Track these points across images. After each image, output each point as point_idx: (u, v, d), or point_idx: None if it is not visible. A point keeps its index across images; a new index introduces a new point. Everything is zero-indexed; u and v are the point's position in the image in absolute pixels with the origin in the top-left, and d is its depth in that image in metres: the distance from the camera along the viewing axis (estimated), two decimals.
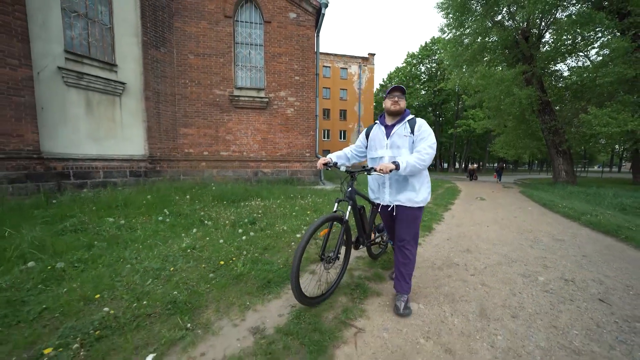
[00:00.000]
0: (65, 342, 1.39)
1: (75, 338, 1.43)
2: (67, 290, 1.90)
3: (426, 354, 1.47)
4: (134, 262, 2.40)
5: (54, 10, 6.00)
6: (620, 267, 2.79)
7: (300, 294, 1.69)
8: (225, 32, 8.33)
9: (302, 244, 1.66)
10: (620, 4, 9.72)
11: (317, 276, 2.24)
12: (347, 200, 2.01)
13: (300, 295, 1.70)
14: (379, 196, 2.08)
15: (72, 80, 6.23)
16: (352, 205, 2.03)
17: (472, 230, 4.31)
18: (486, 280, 2.43)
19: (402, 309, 1.86)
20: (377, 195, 2.09)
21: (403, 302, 1.90)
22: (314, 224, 1.75)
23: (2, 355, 1.33)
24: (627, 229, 4.03)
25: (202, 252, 2.67)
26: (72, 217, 3.75)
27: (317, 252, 2.12)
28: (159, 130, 7.86)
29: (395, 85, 1.94)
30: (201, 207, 4.68)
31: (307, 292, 1.82)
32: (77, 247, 2.77)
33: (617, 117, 9.37)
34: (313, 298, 1.83)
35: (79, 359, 1.31)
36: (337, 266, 2.17)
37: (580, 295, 2.16)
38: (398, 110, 1.91)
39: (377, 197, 2.11)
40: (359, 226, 2.21)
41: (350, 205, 2.02)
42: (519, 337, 1.62)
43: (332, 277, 2.17)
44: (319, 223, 1.77)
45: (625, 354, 1.48)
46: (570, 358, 1.44)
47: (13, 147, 5.27)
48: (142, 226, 3.49)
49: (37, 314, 1.65)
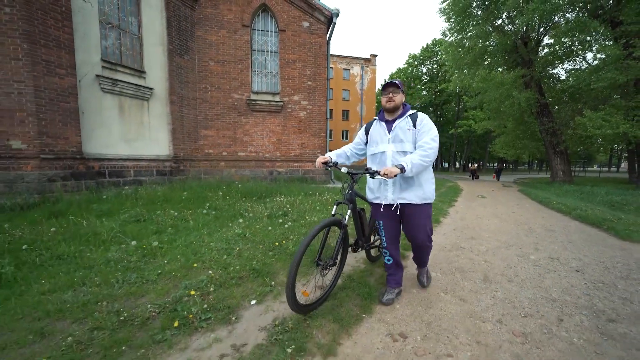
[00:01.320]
0: (189, 292, 1.97)
1: (197, 289, 2.01)
2: (168, 261, 2.49)
3: (446, 302, 2.05)
4: (203, 244, 2.98)
5: (93, 22, 6.56)
6: (598, 250, 3.37)
7: (295, 304, 1.62)
8: (243, 40, 8.89)
9: (297, 255, 1.59)
10: (614, 13, 10.29)
11: (312, 282, 2.14)
12: (346, 203, 1.95)
13: (296, 305, 1.64)
14: (379, 195, 1.97)
15: (107, 87, 6.79)
16: (352, 208, 1.97)
17: (474, 222, 4.90)
18: (488, 258, 3.01)
19: (426, 281, 2.23)
20: (377, 194, 1.98)
21: (424, 274, 2.27)
22: (311, 232, 1.66)
23: (153, 299, 1.90)
24: (610, 221, 4.61)
25: (254, 237, 3.25)
26: (126, 210, 4.33)
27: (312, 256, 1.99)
28: (182, 132, 8.43)
29: (389, 81, 1.84)
30: (234, 202, 5.26)
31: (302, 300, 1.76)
32: (148, 233, 3.34)
33: (610, 120, 9.95)
34: (308, 305, 1.76)
35: (208, 300, 1.89)
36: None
37: (561, 267, 2.75)
38: (394, 106, 1.86)
39: (377, 196, 1.99)
40: (358, 229, 2.16)
41: (350, 208, 1.95)
42: (513, 293, 2.21)
43: (326, 282, 2.07)
44: (316, 231, 1.68)
45: (587, 301, 2.07)
46: (548, 303, 2.03)
47: (60, 149, 5.84)
48: (192, 218, 4.07)
49: (157, 276, 2.23)
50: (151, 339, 1.49)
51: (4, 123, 5.39)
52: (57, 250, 2.63)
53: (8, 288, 1.99)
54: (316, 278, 2.12)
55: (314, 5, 9.21)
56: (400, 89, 1.86)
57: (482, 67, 15.59)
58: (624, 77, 9.28)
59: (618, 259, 3.04)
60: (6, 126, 5.40)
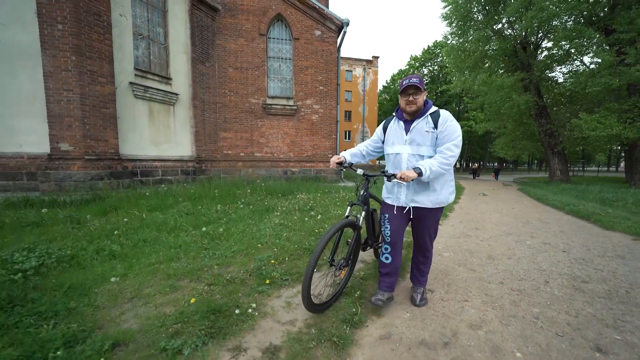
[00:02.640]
0: (268, 261, 2.57)
1: (269, 261, 2.61)
2: (234, 243, 3.08)
3: (460, 272, 2.65)
4: (255, 231, 3.58)
5: (127, 34, 7.15)
6: (584, 237, 3.98)
7: (310, 304, 1.66)
8: (259, 48, 9.49)
9: (314, 258, 1.60)
10: (607, 22, 10.89)
11: (323, 282, 2.08)
12: (361, 205, 1.97)
13: (311, 305, 1.67)
14: (392, 196, 1.92)
15: (139, 93, 7.39)
16: (366, 210, 1.99)
17: (478, 216, 5.50)
18: (491, 243, 3.62)
19: (419, 300, 1.99)
20: (391, 194, 1.93)
21: (420, 294, 2.03)
22: (327, 233, 1.69)
23: (239, 268, 2.50)
24: (598, 214, 5.22)
25: (294, 226, 3.85)
26: (171, 205, 4.92)
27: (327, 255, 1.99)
28: (204, 135, 9.03)
29: (409, 82, 1.69)
30: (261, 198, 5.86)
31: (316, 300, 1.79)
32: (201, 224, 3.93)
33: (604, 122, 10.56)
34: (321, 305, 1.79)
35: (282, 268, 2.49)
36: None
37: (552, 249, 3.35)
38: (415, 110, 1.75)
39: (389, 196, 1.94)
40: (369, 229, 2.17)
41: (364, 210, 1.97)
42: (511, 266, 2.81)
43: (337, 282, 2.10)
44: (333, 231, 1.71)
45: (568, 271, 2.67)
46: (539, 272, 2.63)
47: (101, 151, 6.45)
48: (233, 211, 4.66)
49: (232, 254, 2.83)
50: (254, 290, 2.09)
51: (55, 127, 6.00)
52: (140, 235, 3.23)
53: (124, 260, 2.59)
54: (327, 278, 2.06)
55: (325, 15, 9.80)
56: (421, 89, 1.72)
57: (482, 71, 16.19)
58: (617, 81, 9.88)
59: (599, 243, 3.65)
60: (56, 130, 6.01)
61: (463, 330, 1.71)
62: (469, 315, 1.88)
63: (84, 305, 1.78)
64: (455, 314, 1.90)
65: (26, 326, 1.52)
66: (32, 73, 5.99)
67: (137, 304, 1.88)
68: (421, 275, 2.06)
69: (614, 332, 1.70)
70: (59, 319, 1.60)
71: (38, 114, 6.09)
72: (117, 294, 1.98)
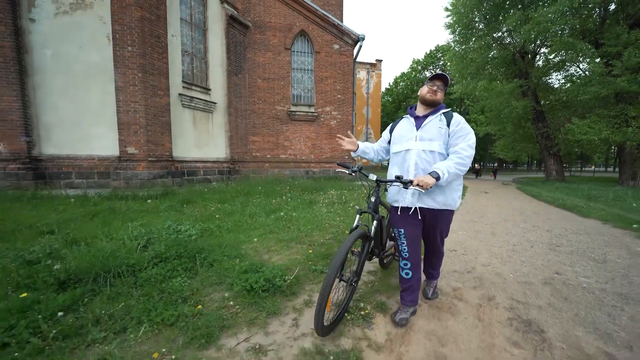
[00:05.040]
0: (337, 234, 3.66)
1: (339, 232, 3.70)
2: (305, 223, 4.19)
3: (470, 242, 3.77)
4: (313, 216, 4.67)
5: (177, 52, 8.26)
6: (565, 222, 5.11)
7: (322, 327, 1.53)
8: (285, 60, 10.59)
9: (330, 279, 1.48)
10: (597, 35, 12.01)
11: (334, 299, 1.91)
12: (372, 213, 1.89)
13: (322, 329, 1.54)
14: (397, 198, 1.86)
15: (186, 103, 8.49)
16: (378, 218, 1.91)
17: (482, 208, 6.62)
18: (493, 226, 4.74)
19: (431, 293, 2.12)
20: (397, 197, 1.86)
21: (432, 287, 2.15)
22: (342, 249, 1.57)
23: (324, 236, 3.60)
24: (581, 207, 6.35)
25: (340, 213, 4.95)
26: (232, 198, 6.02)
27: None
28: (236, 138, 10.14)
29: (439, 72, 1.75)
30: (299, 194, 6.97)
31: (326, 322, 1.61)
32: (267, 211, 5.02)
33: (594, 127, 11.67)
34: (329, 326, 1.63)
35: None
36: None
37: (539, 230, 4.48)
38: (434, 100, 1.75)
39: (396, 199, 1.87)
40: (376, 238, 2.06)
41: (375, 218, 1.89)
42: (508, 239, 3.93)
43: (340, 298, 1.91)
44: (348, 246, 1.59)
45: (548, 241, 3.79)
46: (528, 242, 3.75)
47: (159, 153, 7.55)
48: (285, 203, 5.76)
49: (309, 229, 3.92)
50: None
51: (123, 133, 7.10)
52: (233, 218, 4.33)
53: (240, 233, 3.67)
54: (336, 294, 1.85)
55: (343, 31, 10.92)
56: (446, 86, 1.75)
57: (483, 77, 17.31)
58: (605, 91, 10.99)
59: (575, 226, 4.78)
60: (124, 136, 7.11)
61: (478, 267, 2.83)
62: (480, 261, 3.00)
63: (244, 254, 2.88)
64: (472, 260, 3.03)
65: (225, 265, 2.58)
66: (103, 87, 7.10)
67: (273, 255, 2.98)
68: (434, 270, 2.12)
69: (569, 267, 2.82)
70: (239, 260, 2.70)
71: (107, 122, 7.19)
72: (256, 250, 3.08)
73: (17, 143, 6.68)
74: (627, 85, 10.35)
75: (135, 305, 1.76)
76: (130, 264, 2.19)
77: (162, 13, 7.47)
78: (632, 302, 2.08)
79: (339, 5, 13.42)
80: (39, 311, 1.59)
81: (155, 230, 3.11)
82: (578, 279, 2.53)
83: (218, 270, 2.39)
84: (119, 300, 1.81)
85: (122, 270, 2.10)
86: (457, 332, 1.71)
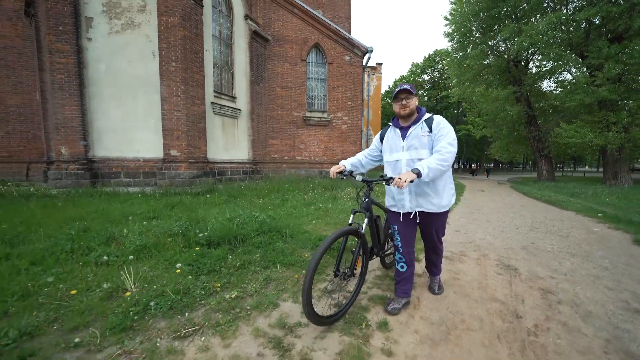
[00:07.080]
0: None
1: None
2: (338, 212, 5.25)
3: (470, 226, 4.87)
4: (341, 208, 5.73)
5: (209, 64, 9.28)
6: (547, 213, 6.25)
7: (313, 314, 1.58)
8: (300, 70, 11.66)
9: (312, 264, 1.54)
10: (582, 48, 13.24)
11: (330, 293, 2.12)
12: (363, 212, 1.97)
13: (314, 316, 1.59)
14: (396, 203, 1.96)
15: (217, 110, 9.52)
16: (369, 216, 1.99)
17: (478, 203, 7.75)
18: (488, 216, 5.86)
19: (437, 289, 2.24)
20: (396, 202, 1.96)
21: (437, 283, 2.27)
22: (327, 239, 1.65)
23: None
24: (562, 202, 7.51)
25: None
26: (268, 194, 7.06)
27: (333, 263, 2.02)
28: (258, 142, 11.18)
29: (400, 87, 1.81)
30: (321, 191, 8.03)
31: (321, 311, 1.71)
32: (303, 204, 6.07)
33: (579, 131, 12.89)
34: (327, 317, 1.71)
35: None
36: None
37: (524, 219, 5.61)
38: (408, 113, 1.83)
39: (395, 204, 1.98)
40: (374, 237, 2.18)
41: (366, 217, 1.97)
42: (500, 224, 5.05)
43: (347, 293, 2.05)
44: (332, 238, 1.66)
45: (530, 226, 4.92)
46: (514, 226, 4.87)
47: (197, 156, 8.58)
48: (314, 198, 6.82)
49: (343, 217, 4.99)
50: None
51: (167, 138, 8.12)
52: (282, 209, 5.38)
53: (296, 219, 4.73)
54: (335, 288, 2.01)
55: (353, 44, 12.01)
56: (412, 93, 1.83)
57: (480, 84, 18.51)
58: (589, 99, 12.21)
59: (554, 215, 5.92)
60: (168, 140, 8.13)
61: (476, 240, 3.94)
62: (478, 236, 4.12)
63: (310, 231, 3.93)
64: (472, 236, 4.15)
65: (301, 237, 3.63)
66: (148, 97, 8.10)
67: (329, 231, 4.04)
68: (435, 266, 2.23)
69: (541, 240, 3.94)
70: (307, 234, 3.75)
71: (151, 127, 8.20)
72: (315, 229, 4.14)
73: (77, 147, 7.67)
74: (608, 94, 11.57)
75: (265, 255, 2.82)
76: (243, 235, 3.25)
77: (199, 32, 8.50)
78: (576, 257, 3.20)
79: (347, 17, 14.53)
80: (217, 256, 2.65)
81: (237, 215, 4.16)
82: (545, 246, 3.64)
83: (298, 240, 3.46)
84: (254, 252, 2.87)
85: (240, 238, 3.16)
86: (465, 270, 2.81)
